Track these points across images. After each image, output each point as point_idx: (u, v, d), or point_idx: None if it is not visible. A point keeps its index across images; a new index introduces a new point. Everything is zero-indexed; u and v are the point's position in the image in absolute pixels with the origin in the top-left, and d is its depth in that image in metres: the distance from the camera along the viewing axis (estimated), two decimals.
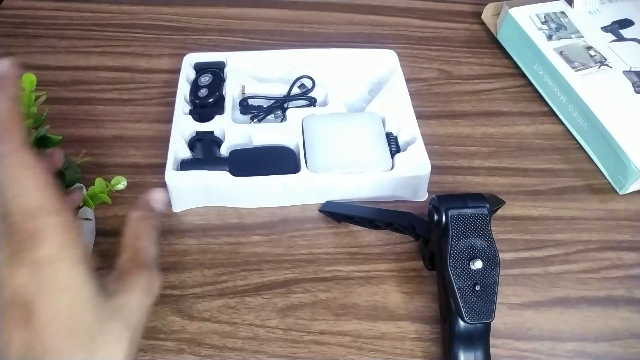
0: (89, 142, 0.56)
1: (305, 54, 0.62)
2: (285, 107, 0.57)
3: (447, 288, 0.38)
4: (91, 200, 0.41)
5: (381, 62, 0.62)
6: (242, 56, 0.61)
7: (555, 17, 0.66)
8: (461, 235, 0.38)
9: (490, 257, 0.38)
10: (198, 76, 0.58)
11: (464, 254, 0.38)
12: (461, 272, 0.38)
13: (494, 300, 0.38)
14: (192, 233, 0.50)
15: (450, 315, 0.39)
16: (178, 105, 0.55)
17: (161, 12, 0.72)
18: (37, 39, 0.67)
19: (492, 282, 0.38)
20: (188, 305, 0.45)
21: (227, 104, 0.55)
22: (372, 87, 0.62)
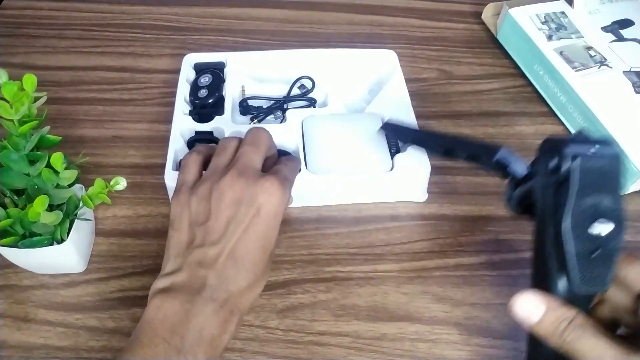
0: (89, 142, 0.56)
1: (305, 54, 0.61)
2: (285, 108, 0.57)
3: (557, 249, 0.31)
4: (90, 200, 0.41)
5: (381, 62, 0.62)
6: (241, 56, 0.60)
7: (555, 17, 0.66)
8: (587, 190, 0.31)
9: (617, 219, 0.31)
10: (198, 77, 0.58)
11: (586, 213, 0.31)
12: (581, 234, 0.31)
13: (612, 269, 0.31)
14: None
15: (549, 279, 0.32)
16: (178, 106, 0.55)
17: (161, 12, 0.72)
18: (37, 39, 0.67)
19: (614, 248, 0.31)
20: None
21: (226, 105, 0.55)
22: (372, 88, 0.61)
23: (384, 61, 0.61)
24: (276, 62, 0.61)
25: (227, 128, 0.53)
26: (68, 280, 0.46)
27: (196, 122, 0.54)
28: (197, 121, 0.54)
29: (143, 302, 0.45)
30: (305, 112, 0.55)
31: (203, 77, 0.58)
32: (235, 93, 0.58)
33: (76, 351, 0.42)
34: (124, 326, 0.44)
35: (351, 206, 0.52)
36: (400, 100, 0.57)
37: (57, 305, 0.45)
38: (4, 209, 0.40)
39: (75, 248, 0.43)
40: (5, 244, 0.40)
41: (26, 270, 0.46)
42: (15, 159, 0.40)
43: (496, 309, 0.44)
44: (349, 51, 0.62)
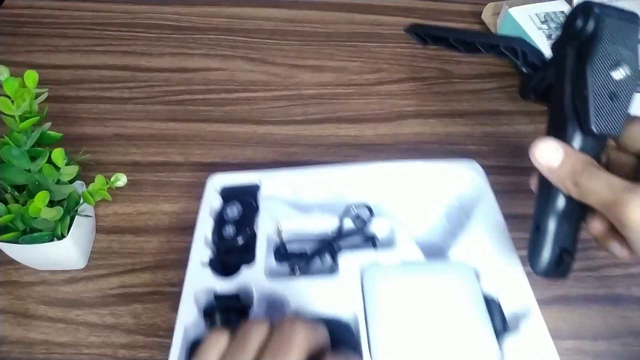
0: (90, 139, 0.56)
1: (357, 171, 0.48)
2: (337, 250, 0.43)
3: (577, 94, 0.34)
4: (91, 197, 0.41)
5: (460, 178, 0.47)
6: (279, 176, 0.48)
7: (555, 16, 0.66)
8: (611, 40, 0.33)
9: (634, 69, 0.33)
10: (225, 207, 0.46)
11: (609, 58, 0.33)
12: (600, 78, 0.33)
13: (626, 115, 0.33)
14: (192, 231, 0.50)
15: (563, 125, 0.35)
16: (195, 251, 0.42)
17: (162, 12, 0.72)
18: (38, 37, 0.67)
19: (628, 95, 0.33)
20: None
21: (259, 249, 0.42)
22: (451, 212, 0.48)
23: (464, 176, 0.47)
24: (321, 182, 0.48)
25: (259, 287, 0.39)
26: (68, 276, 0.46)
27: (217, 273, 0.41)
28: (220, 272, 0.42)
29: (143, 298, 0.45)
30: (365, 256, 0.41)
31: (231, 207, 0.46)
32: (270, 229, 0.44)
33: (76, 347, 0.42)
34: (123, 322, 0.44)
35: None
36: (496, 240, 0.42)
37: (58, 301, 0.45)
38: (5, 205, 0.40)
39: (76, 244, 0.43)
40: (6, 239, 0.40)
41: (27, 266, 0.46)
42: (16, 155, 0.41)
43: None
44: (415, 165, 0.48)
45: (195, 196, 0.52)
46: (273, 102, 0.62)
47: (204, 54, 0.67)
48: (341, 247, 0.43)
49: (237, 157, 0.56)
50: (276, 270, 0.43)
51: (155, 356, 0.42)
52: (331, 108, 0.62)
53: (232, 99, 0.62)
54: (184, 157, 0.56)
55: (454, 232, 0.45)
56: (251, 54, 0.67)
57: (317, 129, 0.59)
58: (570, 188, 0.33)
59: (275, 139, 0.58)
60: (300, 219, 0.45)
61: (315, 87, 0.64)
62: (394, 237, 0.42)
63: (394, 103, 0.63)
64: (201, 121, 0.59)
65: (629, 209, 0.29)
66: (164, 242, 0.49)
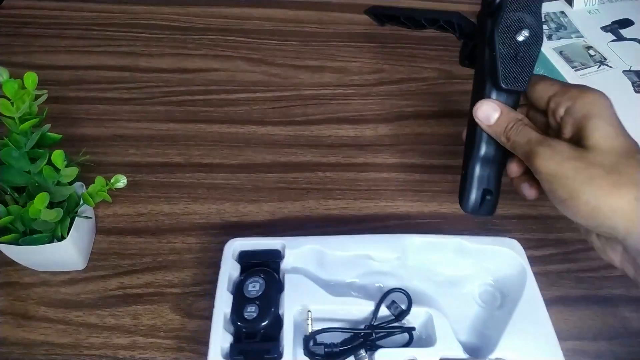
0: (89, 140, 0.56)
1: (386, 241, 0.45)
2: (372, 344, 0.39)
3: (488, 56, 0.39)
4: (91, 198, 0.41)
5: (499, 258, 0.45)
6: (303, 243, 0.44)
7: (555, 16, 0.66)
8: (515, 7, 0.38)
9: (536, 33, 0.38)
10: (245, 279, 0.42)
11: (514, 24, 0.38)
12: (507, 40, 0.38)
13: (530, 73, 0.38)
14: (192, 231, 0.50)
15: (484, 85, 0.40)
16: (215, 337, 0.38)
17: (162, 12, 0.72)
18: (37, 38, 0.67)
19: (532, 56, 0.38)
20: (188, 303, 0.45)
21: (286, 340, 0.38)
22: (488, 299, 0.45)
23: (503, 256, 0.45)
24: (354, 259, 0.45)
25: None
26: (68, 277, 0.46)
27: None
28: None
29: (143, 299, 0.45)
30: (404, 353, 0.38)
31: (252, 282, 0.42)
32: (296, 311, 0.40)
33: (76, 348, 0.42)
34: (124, 323, 0.44)
35: None
36: (541, 335, 0.40)
37: (58, 302, 0.45)
38: (5, 206, 0.40)
39: (76, 245, 0.43)
40: (6, 241, 0.40)
41: (27, 267, 0.46)
42: (16, 157, 0.41)
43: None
44: (453, 240, 0.45)
45: (195, 197, 0.53)
46: (273, 103, 0.62)
47: (204, 54, 0.67)
48: (377, 340, 0.40)
49: (237, 157, 0.56)
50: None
51: (155, 357, 0.42)
52: (331, 108, 0.62)
53: (232, 99, 0.62)
54: (183, 158, 0.56)
55: (493, 319, 0.43)
56: (251, 55, 0.67)
57: (317, 129, 0.59)
58: (504, 141, 0.38)
59: (275, 140, 0.58)
60: (331, 303, 0.41)
61: (315, 88, 0.64)
62: (433, 329, 0.40)
63: (394, 103, 0.63)
64: (201, 122, 0.59)
65: (539, 158, 0.35)
66: (164, 243, 0.49)
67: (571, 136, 0.36)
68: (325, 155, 0.57)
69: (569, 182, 0.33)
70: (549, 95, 0.38)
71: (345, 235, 0.45)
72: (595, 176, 0.32)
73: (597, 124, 0.34)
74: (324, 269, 0.45)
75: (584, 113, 0.35)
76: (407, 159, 0.57)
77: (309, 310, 0.40)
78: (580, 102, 0.35)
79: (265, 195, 0.53)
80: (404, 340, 0.41)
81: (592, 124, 0.34)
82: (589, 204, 0.32)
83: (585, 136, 0.34)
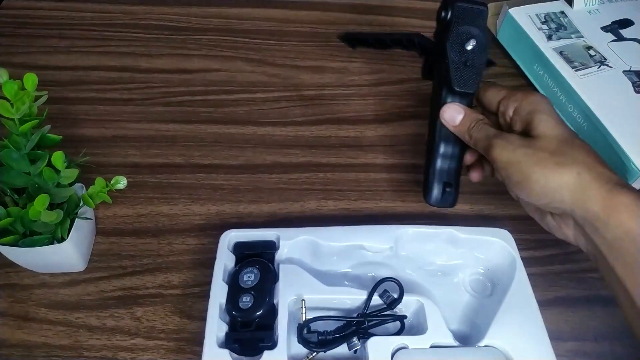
0: (89, 141, 0.56)
1: (379, 233, 0.46)
2: (364, 332, 0.40)
3: (443, 65, 0.45)
4: (91, 199, 0.41)
5: (489, 248, 0.46)
6: (298, 234, 0.45)
7: (555, 17, 0.66)
8: (462, 22, 0.44)
9: (482, 43, 0.44)
10: (240, 270, 0.43)
11: (462, 37, 0.44)
12: (457, 50, 0.44)
13: (479, 76, 0.44)
14: (192, 232, 0.50)
15: (439, 93, 0.46)
16: (210, 327, 0.39)
17: (161, 12, 0.72)
18: (37, 38, 0.67)
19: (480, 62, 0.44)
20: (188, 304, 0.45)
21: (280, 329, 0.39)
22: (477, 288, 0.47)
23: (494, 246, 0.46)
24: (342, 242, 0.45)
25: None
26: (68, 279, 0.46)
27: (234, 352, 0.39)
28: (238, 353, 0.39)
29: (143, 300, 0.45)
30: (395, 340, 0.39)
31: (247, 272, 0.42)
32: (291, 301, 0.41)
33: (76, 350, 0.42)
34: (124, 325, 0.44)
35: None
36: (527, 322, 0.41)
37: (58, 304, 0.45)
38: (5, 208, 0.40)
39: (76, 247, 0.43)
40: (6, 242, 0.40)
41: (27, 269, 0.46)
42: (16, 158, 0.41)
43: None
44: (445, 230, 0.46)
45: (195, 198, 0.52)
46: (273, 103, 0.62)
47: (204, 54, 0.67)
48: (369, 328, 0.41)
49: (237, 158, 0.56)
50: (299, 349, 0.40)
51: (155, 359, 0.42)
52: (331, 109, 0.62)
53: (232, 100, 0.62)
54: (183, 158, 0.56)
55: (484, 307, 0.44)
56: (251, 55, 0.67)
57: (317, 130, 0.59)
58: (467, 139, 0.44)
59: (275, 140, 0.58)
60: (325, 293, 0.42)
61: (315, 88, 0.64)
62: (424, 317, 0.41)
63: (394, 103, 0.62)
64: (201, 122, 0.59)
65: (496, 148, 0.40)
66: (164, 244, 0.49)
67: (520, 131, 0.41)
68: (325, 155, 0.57)
69: (522, 166, 0.38)
70: (498, 99, 0.43)
71: (339, 226, 0.46)
72: (543, 159, 0.38)
73: (541, 117, 0.40)
74: (318, 260, 0.46)
75: (529, 110, 0.40)
76: (407, 160, 0.57)
77: (303, 299, 0.41)
78: (525, 102, 0.41)
79: (266, 196, 0.53)
80: (395, 328, 0.42)
81: (536, 118, 0.40)
82: (539, 182, 0.37)
83: (532, 128, 0.40)
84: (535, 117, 0.40)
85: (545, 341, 0.40)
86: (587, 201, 0.36)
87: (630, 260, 0.35)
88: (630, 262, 0.35)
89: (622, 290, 0.36)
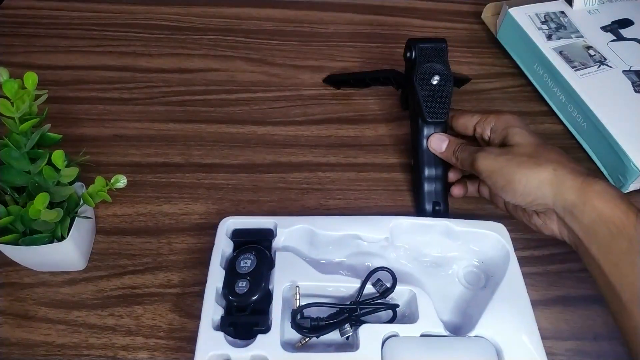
0: (89, 141, 0.56)
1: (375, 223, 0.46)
2: (358, 319, 0.41)
3: (415, 99, 0.51)
4: (91, 198, 0.41)
5: (484, 241, 0.47)
6: (295, 222, 0.46)
7: (555, 16, 0.66)
8: (425, 60, 0.50)
9: (445, 76, 0.50)
10: (237, 256, 0.44)
11: (427, 73, 0.50)
12: (424, 86, 0.50)
13: (447, 107, 0.50)
14: (192, 231, 0.50)
15: (416, 123, 0.51)
16: (206, 309, 0.40)
17: (161, 12, 0.72)
18: (37, 38, 0.67)
19: (446, 94, 0.50)
20: (188, 303, 0.45)
21: (274, 314, 0.40)
22: (474, 280, 0.47)
23: (489, 239, 0.47)
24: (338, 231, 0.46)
25: (274, 357, 0.38)
26: (68, 278, 0.46)
27: (229, 334, 0.40)
28: (233, 336, 0.40)
29: (143, 299, 0.45)
30: (386, 328, 0.40)
31: (244, 258, 0.43)
32: (286, 287, 0.42)
33: (76, 348, 0.42)
34: (124, 324, 0.44)
35: None
36: (519, 315, 0.41)
37: (58, 302, 0.45)
38: (5, 207, 0.40)
39: (76, 246, 0.43)
40: (6, 241, 0.40)
41: (27, 267, 0.46)
42: (16, 157, 0.41)
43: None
44: (441, 222, 0.47)
45: (195, 197, 0.52)
46: (273, 103, 0.62)
47: (204, 54, 0.67)
48: (362, 316, 0.42)
49: (237, 158, 0.56)
50: (292, 334, 0.41)
51: (155, 357, 0.42)
52: (331, 109, 0.62)
53: (232, 99, 0.62)
54: (183, 158, 0.56)
55: (476, 299, 0.45)
56: (251, 55, 0.67)
57: (317, 129, 0.59)
58: (454, 161, 0.49)
59: (275, 140, 0.58)
60: (319, 280, 0.43)
61: (315, 88, 0.64)
62: (416, 306, 0.41)
63: (393, 103, 0.62)
64: (201, 122, 0.59)
65: (479, 160, 0.44)
66: (164, 244, 0.49)
67: (499, 145, 0.46)
68: (325, 155, 0.57)
69: (504, 171, 0.43)
70: (473, 124, 0.49)
71: (336, 215, 0.47)
72: (522, 161, 0.42)
73: (515, 130, 0.45)
74: (315, 248, 0.47)
75: (504, 126, 0.46)
76: (407, 160, 0.57)
77: (297, 285, 0.42)
78: (499, 121, 0.47)
79: (265, 195, 0.53)
80: (387, 317, 0.42)
81: (511, 131, 0.45)
82: (522, 182, 0.42)
83: (508, 140, 0.45)
84: (510, 131, 0.45)
85: (535, 333, 0.40)
86: (564, 192, 0.40)
87: (603, 241, 0.39)
88: (603, 242, 0.39)
89: (597, 270, 0.40)
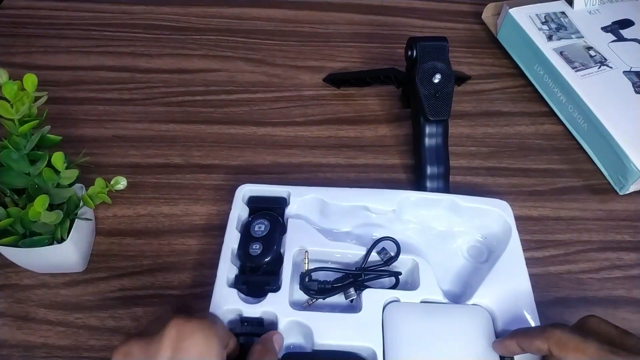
0: (89, 141, 0.56)
1: (386, 197, 0.48)
2: (361, 286, 0.43)
3: (416, 97, 0.51)
4: (91, 200, 0.41)
5: (488, 217, 0.48)
6: (307, 193, 0.48)
7: (556, 17, 0.66)
8: (427, 59, 0.51)
9: (447, 74, 0.50)
10: (252, 221, 0.46)
11: (428, 72, 0.50)
12: (426, 84, 0.50)
13: (449, 105, 0.51)
14: (192, 233, 0.50)
15: (418, 121, 0.52)
16: (222, 268, 0.43)
17: (161, 12, 0.72)
18: (37, 38, 0.67)
19: (448, 92, 0.51)
20: (187, 305, 0.45)
21: (284, 276, 0.42)
22: (474, 255, 0.48)
23: (493, 216, 0.48)
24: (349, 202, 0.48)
25: (283, 315, 0.40)
26: (68, 279, 0.46)
27: (242, 292, 0.42)
28: (245, 293, 0.42)
29: (143, 301, 0.45)
30: (388, 294, 0.42)
31: (258, 223, 0.46)
32: (296, 252, 0.45)
33: (76, 350, 0.42)
34: (124, 325, 0.44)
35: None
36: (516, 288, 0.43)
37: (58, 304, 0.45)
38: (5, 209, 0.40)
39: (76, 247, 0.43)
40: (6, 243, 0.40)
41: (26, 269, 0.46)
42: (16, 159, 0.41)
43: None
44: (446, 197, 0.49)
45: (195, 198, 0.52)
46: (273, 104, 0.62)
47: (204, 55, 0.67)
48: (366, 281, 0.44)
49: (237, 158, 0.56)
50: (300, 295, 0.44)
51: None
52: (331, 109, 0.62)
53: (232, 100, 0.62)
54: (183, 159, 0.56)
55: (477, 271, 0.46)
56: (251, 55, 0.67)
57: (317, 130, 0.59)
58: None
59: (275, 141, 0.58)
60: (327, 246, 0.45)
61: (315, 88, 0.64)
62: (418, 275, 0.44)
63: (394, 104, 0.62)
64: (201, 123, 0.59)
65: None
66: (164, 245, 0.49)
67: None
68: (325, 156, 0.57)
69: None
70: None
71: (346, 187, 0.49)
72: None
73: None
74: (325, 218, 0.49)
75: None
76: (407, 160, 0.57)
77: (306, 250, 0.44)
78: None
79: None
80: (390, 283, 0.45)
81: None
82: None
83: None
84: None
85: (531, 305, 0.42)
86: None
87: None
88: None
89: None
